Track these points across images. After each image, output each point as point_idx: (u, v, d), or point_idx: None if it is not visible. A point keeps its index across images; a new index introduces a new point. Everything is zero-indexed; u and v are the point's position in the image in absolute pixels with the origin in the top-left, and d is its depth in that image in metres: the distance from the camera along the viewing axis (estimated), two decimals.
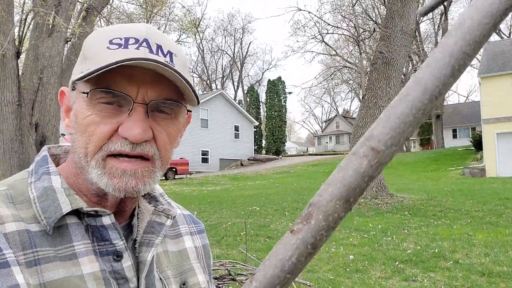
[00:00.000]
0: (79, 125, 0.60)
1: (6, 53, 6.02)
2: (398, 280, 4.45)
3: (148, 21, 21.56)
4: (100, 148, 0.59)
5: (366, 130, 3.26)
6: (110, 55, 0.57)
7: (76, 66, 0.63)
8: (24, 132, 6.49)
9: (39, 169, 0.63)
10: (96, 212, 0.60)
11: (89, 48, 0.61)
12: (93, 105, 0.59)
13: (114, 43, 0.59)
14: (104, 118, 0.59)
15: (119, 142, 0.59)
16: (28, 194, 0.60)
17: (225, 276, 3.69)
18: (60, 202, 0.59)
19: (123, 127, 0.58)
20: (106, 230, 0.61)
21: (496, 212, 7.92)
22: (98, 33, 0.63)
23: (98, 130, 0.58)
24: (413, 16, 10.41)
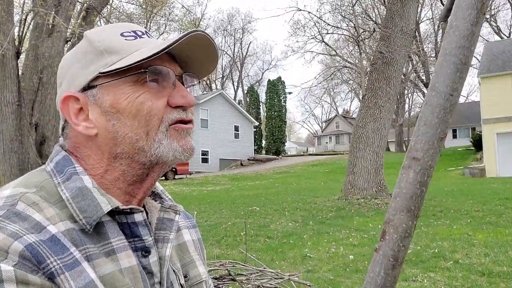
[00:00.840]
0: (127, 110, 0.61)
1: (6, 53, 6.02)
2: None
3: (148, 21, 21.56)
4: (161, 120, 0.62)
5: (366, 130, 3.31)
6: (136, 44, 0.63)
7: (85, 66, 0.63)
8: (24, 132, 6.49)
9: (64, 169, 0.63)
10: (130, 209, 0.62)
11: (105, 42, 0.63)
12: (141, 85, 0.62)
13: (127, 35, 0.64)
14: (155, 93, 0.62)
15: (175, 112, 0.64)
16: (59, 195, 0.60)
17: (225, 276, 3.69)
18: (99, 202, 0.60)
19: (176, 97, 0.64)
20: (137, 226, 0.63)
21: (496, 212, 7.92)
22: (101, 31, 0.66)
23: (155, 105, 0.62)
24: (413, 16, 10.41)
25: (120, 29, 0.65)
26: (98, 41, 0.63)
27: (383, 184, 10.14)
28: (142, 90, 0.62)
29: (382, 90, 10.02)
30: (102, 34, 0.64)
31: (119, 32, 0.64)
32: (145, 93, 0.62)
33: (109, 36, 0.64)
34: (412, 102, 44.54)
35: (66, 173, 0.62)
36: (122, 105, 0.61)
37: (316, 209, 9.04)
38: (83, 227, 0.58)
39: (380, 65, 10.13)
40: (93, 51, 0.63)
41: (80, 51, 0.65)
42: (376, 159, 10.01)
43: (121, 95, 0.62)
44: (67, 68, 0.66)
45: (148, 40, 0.65)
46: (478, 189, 11.60)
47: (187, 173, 22.03)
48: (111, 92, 0.62)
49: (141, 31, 0.66)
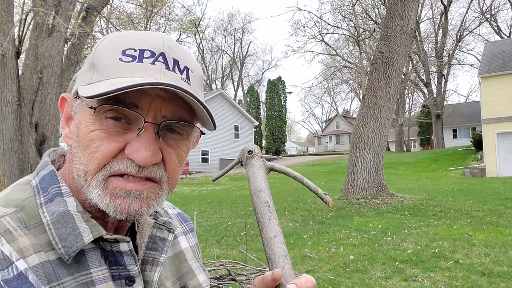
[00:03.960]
0: (81, 139, 0.55)
1: (6, 53, 6.02)
2: (398, 280, 4.44)
3: (148, 21, 21.55)
4: (103, 167, 0.54)
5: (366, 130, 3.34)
6: (125, 69, 0.53)
7: (82, 73, 0.58)
8: (24, 132, 6.49)
9: (48, 187, 0.57)
10: (115, 239, 0.58)
11: (99, 56, 0.56)
12: (99, 119, 0.54)
13: (128, 54, 0.54)
14: (110, 134, 0.54)
15: (124, 162, 0.54)
16: (40, 218, 0.55)
17: (225, 276, 3.69)
18: (80, 231, 0.55)
19: (131, 148, 0.54)
20: (122, 256, 0.58)
21: (497, 212, 7.91)
22: (111, 40, 0.57)
23: (102, 147, 0.54)
24: (413, 15, 10.40)
25: (130, 43, 0.56)
26: (96, 51, 0.57)
27: (383, 184, 10.14)
28: (99, 126, 0.54)
29: (382, 90, 10.01)
30: (105, 45, 0.57)
31: (123, 48, 0.55)
32: (101, 130, 0.54)
33: (108, 49, 0.56)
34: (413, 102, 44.56)
35: (49, 193, 0.57)
36: (80, 131, 0.55)
37: (316, 209, 9.03)
38: (61, 256, 0.54)
39: (380, 65, 10.12)
40: (90, 60, 0.57)
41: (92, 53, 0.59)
42: (376, 159, 10.00)
43: (83, 120, 0.55)
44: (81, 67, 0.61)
45: (142, 67, 0.54)
46: (478, 189, 11.59)
47: (187, 173, 22.03)
48: (82, 113, 0.56)
49: (151, 52, 0.55)
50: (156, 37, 0.57)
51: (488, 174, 18.37)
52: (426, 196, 10.38)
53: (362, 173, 9.99)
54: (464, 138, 35.17)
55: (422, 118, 38.77)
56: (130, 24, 13.05)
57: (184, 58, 0.58)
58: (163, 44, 0.56)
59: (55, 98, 7.16)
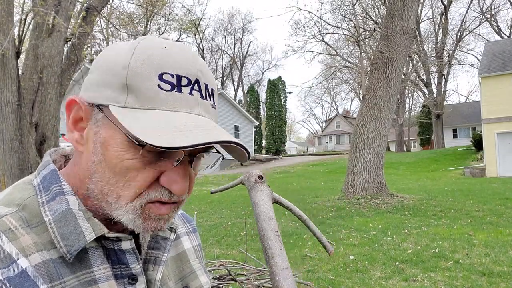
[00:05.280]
0: (110, 162, 0.53)
1: (6, 53, 6.02)
2: (398, 280, 4.44)
3: (148, 20, 21.53)
4: (140, 195, 0.54)
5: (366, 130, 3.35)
6: (166, 100, 0.51)
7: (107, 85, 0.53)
8: (24, 132, 6.49)
9: (50, 186, 0.57)
10: (117, 237, 0.58)
11: (135, 76, 0.52)
12: (134, 147, 0.52)
13: (165, 80, 0.52)
14: (145, 164, 0.53)
15: (159, 191, 0.54)
16: (41, 216, 0.55)
17: (225, 276, 3.68)
18: (82, 229, 0.55)
19: (168, 178, 0.54)
20: (124, 254, 0.58)
21: (497, 212, 7.91)
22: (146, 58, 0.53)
23: (139, 177, 0.53)
24: (413, 15, 10.40)
25: (166, 66, 0.53)
26: (130, 68, 0.52)
27: (384, 184, 10.14)
28: (133, 154, 0.52)
29: (383, 90, 10.01)
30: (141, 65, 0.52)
31: (161, 71, 0.52)
32: (136, 160, 0.52)
33: (145, 70, 0.52)
34: (413, 102, 44.55)
35: (51, 191, 0.57)
36: (109, 153, 0.53)
37: (316, 209, 9.03)
38: (63, 255, 0.54)
39: (381, 65, 10.12)
40: (118, 76, 0.53)
41: (111, 62, 0.54)
42: (376, 159, 10.00)
43: (113, 143, 0.53)
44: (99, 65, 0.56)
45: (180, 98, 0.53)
46: (479, 189, 11.59)
47: None
48: (110, 131, 0.53)
49: (188, 79, 0.54)
50: (188, 58, 0.55)
51: (488, 174, 18.37)
52: (426, 196, 10.38)
53: (362, 173, 9.99)
54: (464, 138, 35.17)
55: (422, 118, 38.77)
56: (130, 24, 13.04)
57: (209, 78, 0.57)
58: (196, 69, 0.55)
59: (55, 98, 7.16)
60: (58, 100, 7.26)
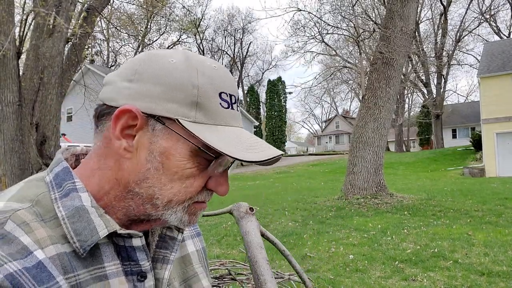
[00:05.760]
0: (170, 170, 0.57)
1: (6, 53, 6.03)
2: (397, 279, 4.46)
3: (149, 21, 21.54)
4: (190, 198, 0.60)
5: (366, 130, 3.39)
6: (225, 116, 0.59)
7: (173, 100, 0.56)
8: (25, 132, 6.50)
9: (62, 183, 0.59)
10: (129, 234, 0.59)
11: (204, 95, 0.57)
12: (195, 156, 0.58)
13: (223, 98, 0.59)
14: (200, 171, 0.59)
15: (204, 193, 0.62)
16: (55, 212, 0.56)
17: (225, 276, 3.70)
18: (95, 225, 0.56)
19: (215, 182, 0.61)
20: (134, 251, 0.60)
21: (496, 212, 7.93)
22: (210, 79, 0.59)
23: (196, 184, 0.59)
24: (412, 16, 10.42)
25: (223, 86, 0.59)
26: (200, 88, 0.57)
27: (383, 184, 10.16)
28: (194, 164, 0.58)
29: (382, 90, 10.03)
30: (208, 81, 0.58)
31: (220, 90, 0.59)
32: (195, 168, 0.58)
33: (211, 90, 0.58)
34: (412, 102, 44.58)
35: (64, 188, 0.58)
36: (170, 162, 0.57)
37: (316, 209, 9.05)
38: (76, 250, 0.55)
39: (380, 65, 10.14)
40: (187, 94, 0.57)
41: (175, 79, 0.57)
42: (376, 159, 10.02)
43: (176, 154, 0.57)
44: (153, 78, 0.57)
45: (232, 114, 0.60)
46: (478, 189, 11.61)
47: None
48: (171, 142, 0.57)
49: (235, 97, 0.62)
50: (231, 77, 0.63)
51: (487, 174, 18.40)
52: (425, 196, 10.40)
53: (361, 173, 10.01)
54: (463, 138, 35.20)
55: (421, 118, 38.79)
56: (131, 25, 13.05)
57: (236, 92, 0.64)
58: (235, 87, 0.63)
59: (55, 98, 7.17)
60: (58, 101, 7.27)
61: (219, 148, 0.54)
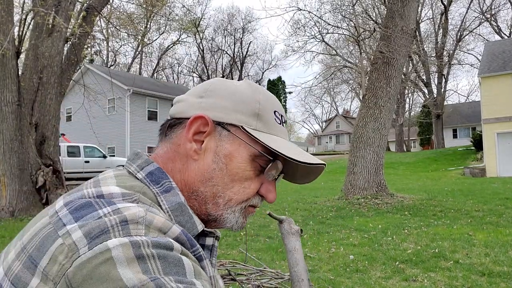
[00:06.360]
0: (232, 170, 0.66)
1: (6, 53, 6.01)
2: (398, 280, 4.44)
3: (148, 20, 21.53)
4: (246, 200, 0.68)
5: (366, 130, 3.35)
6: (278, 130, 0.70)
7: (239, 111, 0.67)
8: (24, 132, 6.49)
9: (160, 180, 0.64)
10: (209, 232, 0.67)
11: (264, 109, 0.69)
12: (253, 160, 0.66)
13: (276, 116, 0.70)
14: (256, 175, 0.67)
15: (257, 198, 0.70)
16: (159, 204, 0.62)
17: (225, 276, 3.68)
18: (195, 220, 0.64)
19: (266, 189, 0.69)
20: (204, 249, 0.67)
21: (497, 212, 7.91)
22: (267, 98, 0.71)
23: (252, 186, 0.67)
24: (413, 15, 10.40)
25: (276, 107, 0.71)
26: (260, 103, 0.68)
27: (384, 184, 10.14)
28: (252, 167, 0.66)
29: (382, 90, 10.01)
30: (266, 99, 0.70)
31: (274, 109, 0.70)
32: (253, 171, 0.67)
33: (268, 106, 0.69)
34: (413, 102, 44.56)
35: (163, 185, 0.64)
36: (233, 163, 0.66)
37: (316, 209, 9.03)
38: None
39: (380, 65, 10.12)
40: (250, 107, 0.68)
41: (241, 96, 0.68)
42: (376, 159, 10.00)
43: (238, 156, 0.66)
44: (222, 95, 0.68)
45: (284, 131, 0.71)
46: (479, 189, 11.59)
47: None
48: (234, 146, 0.66)
49: (284, 118, 0.73)
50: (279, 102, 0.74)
51: (488, 174, 18.38)
52: (426, 196, 10.38)
53: (362, 173, 9.99)
54: (464, 138, 35.18)
55: (422, 118, 38.78)
56: (130, 24, 13.04)
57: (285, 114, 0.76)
58: (283, 110, 0.74)
59: (55, 98, 7.16)
60: (58, 100, 7.25)
61: (276, 148, 0.63)
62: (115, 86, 19.56)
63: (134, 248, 0.47)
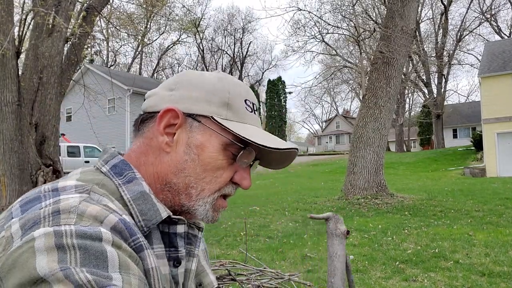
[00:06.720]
0: (204, 161, 0.66)
1: (6, 53, 6.01)
2: (398, 280, 4.44)
3: (148, 20, 21.53)
4: (219, 189, 0.68)
5: (366, 130, 3.35)
6: (249, 118, 0.70)
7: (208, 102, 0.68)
8: (24, 132, 6.49)
9: (123, 172, 0.66)
10: (178, 220, 0.67)
11: (233, 98, 0.69)
12: (224, 149, 0.67)
13: (248, 104, 0.71)
14: (229, 164, 0.68)
15: (231, 187, 0.69)
16: (120, 194, 0.63)
17: (225, 276, 3.68)
18: (158, 207, 0.64)
19: (240, 176, 0.69)
20: (176, 237, 0.67)
21: (497, 212, 7.91)
22: (237, 87, 0.71)
23: (225, 175, 0.67)
24: (413, 15, 10.40)
25: (247, 95, 0.71)
26: (230, 93, 0.69)
27: (384, 184, 10.14)
28: (224, 156, 0.67)
29: (382, 90, 10.01)
30: (235, 89, 0.70)
31: (245, 98, 0.71)
32: (225, 160, 0.67)
33: (239, 96, 0.70)
34: (413, 102, 44.54)
35: (126, 176, 0.65)
36: (204, 154, 0.66)
37: (316, 209, 9.03)
38: (140, 229, 0.61)
39: (380, 65, 10.12)
40: (220, 97, 0.68)
41: (211, 87, 0.69)
42: (376, 159, 10.00)
43: (209, 146, 0.66)
44: (192, 86, 0.69)
45: (255, 118, 0.71)
46: (479, 189, 11.59)
47: None
48: (205, 137, 0.67)
49: (256, 106, 0.74)
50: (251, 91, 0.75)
51: (488, 174, 18.37)
52: (426, 196, 10.38)
53: (362, 173, 9.99)
54: (464, 138, 35.18)
55: (422, 118, 38.76)
56: (130, 24, 13.04)
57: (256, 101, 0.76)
58: (255, 99, 0.75)
59: (55, 98, 7.16)
60: (58, 100, 7.25)
61: (246, 136, 0.64)
62: (115, 86, 19.57)
63: (56, 238, 0.48)
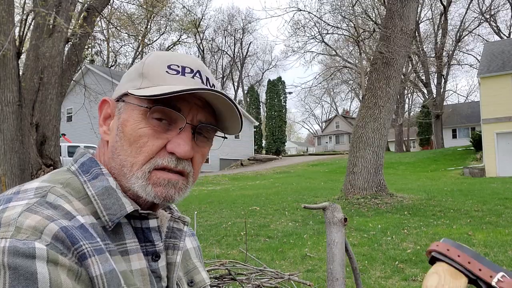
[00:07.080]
0: (127, 134, 0.65)
1: (6, 53, 6.03)
2: (397, 279, 4.46)
3: (149, 21, 21.55)
4: (148, 160, 0.64)
5: (366, 130, 3.37)
6: (171, 79, 0.65)
7: (128, 80, 0.69)
8: (25, 132, 6.50)
9: (90, 169, 0.66)
10: (148, 214, 0.66)
11: (148, 66, 0.67)
12: (145, 119, 0.64)
13: (172, 68, 0.66)
14: (156, 132, 0.64)
15: (166, 158, 0.64)
16: (85, 192, 0.63)
17: (225, 276, 3.70)
18: (123, 202, 0.63)
19: (173, 143, 0.64)
20: (150, 232, 0.67)
21: (496, 212, 7.93)
22: (158, 56, 0.69)
23: (150, 143, 0.64)
24: (412, 16, 10.42)
25: (171, 60, 0.68)
26: (145, 63, 0.68)
27: (383, 184, 10.15)
28: (146, 124, 0.64)
29: (382, 90, 10.03)
30: (152, 59, 0.68)
31: (168, 63, 0.67)
32: (147, 128, 0.64)
33: (156, 62, 0.67)
34: (412, 102, 44.56)
35: (92, 173, 0.66)
36: (127, 128, 0.65)
37: None
38: (105, 224, 0.62)
39: (380, 65, 10.14)
40: (138, 71, 0.68)
41: (134, 67, 0.71)
42: (376, 159, 10.02)
43: (130, 119, 0.65)
44: (125, 75, 0.72)
45: (183, 79, 0.66)
46: (478, 189, 11.61)
47: None
48: (128, 113, 0.66)
49: (194, 70, 0.68)
50: (193, 58, 0.71)
51: (487, 174, 18.39)
52: (425, 196, 10.40)
53: (361, 173, 10.00)
54: (463, 138, 35.19)
55: (421, 118, 38.78)
56: (131, 25, 13.05)
57: (212, 77, 0.71)
58: (198, 64, 0.69)
59: (55, 98, 7.17)
60: (58, 100, 7.27)
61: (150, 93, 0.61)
62: (116, 86, 19.55)
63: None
